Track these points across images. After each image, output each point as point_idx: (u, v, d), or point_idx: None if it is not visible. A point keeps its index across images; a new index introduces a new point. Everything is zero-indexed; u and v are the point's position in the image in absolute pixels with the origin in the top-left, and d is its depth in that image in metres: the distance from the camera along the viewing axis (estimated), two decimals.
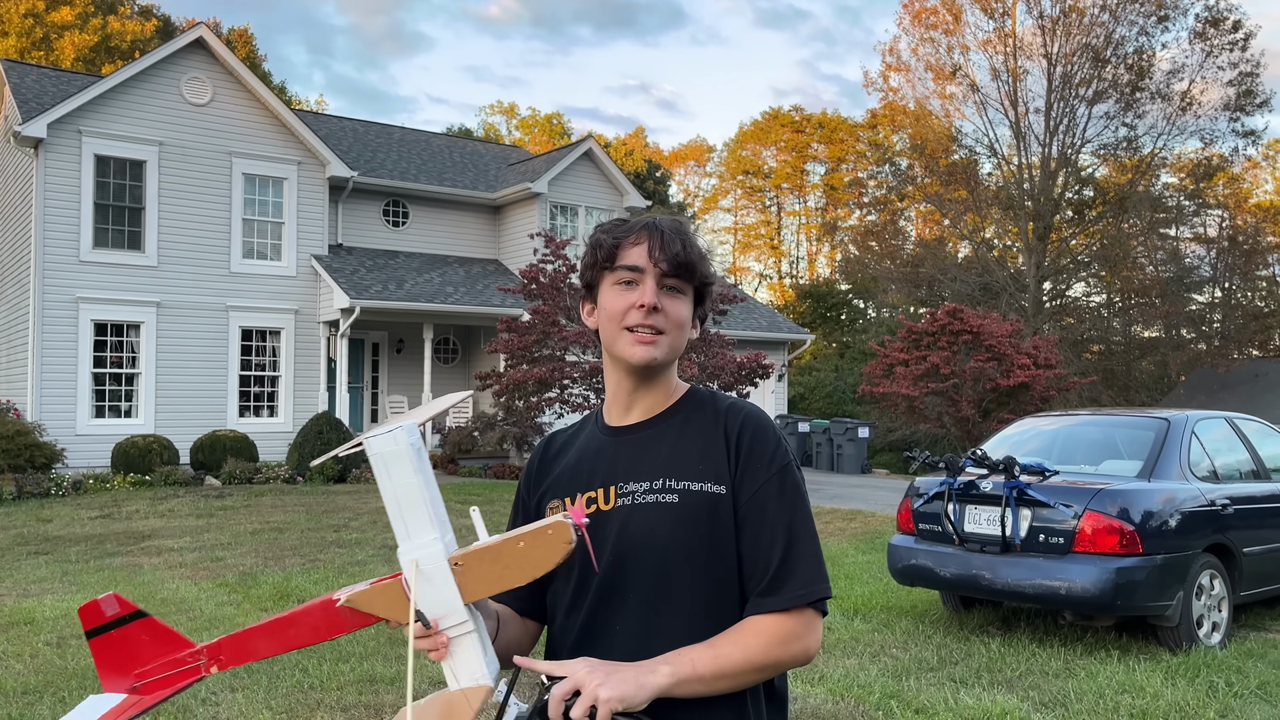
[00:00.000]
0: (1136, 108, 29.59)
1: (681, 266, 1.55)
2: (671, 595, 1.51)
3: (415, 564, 1.37)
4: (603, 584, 1.54)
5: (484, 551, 1.39)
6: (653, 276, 1.54)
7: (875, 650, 6.25)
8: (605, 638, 1.52)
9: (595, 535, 1.54)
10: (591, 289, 1.63)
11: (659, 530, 1.52)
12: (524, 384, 15.59)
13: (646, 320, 1.54)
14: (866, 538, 11.19)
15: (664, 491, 1.54)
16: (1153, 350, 32.22)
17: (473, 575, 1.38)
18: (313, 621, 1.43)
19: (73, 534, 10.83)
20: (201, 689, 5.20)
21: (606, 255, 1.57)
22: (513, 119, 54.82)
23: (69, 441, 15.74)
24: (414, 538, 1.38)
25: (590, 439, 1.67)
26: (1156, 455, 6.59)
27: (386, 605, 1.39)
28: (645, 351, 1.54)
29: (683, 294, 1.58)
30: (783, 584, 1.50)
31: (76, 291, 16.46)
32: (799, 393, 30.61)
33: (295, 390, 18.40)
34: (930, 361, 20.22)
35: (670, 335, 1.56)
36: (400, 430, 1.37)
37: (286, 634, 1.44)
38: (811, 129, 50.93)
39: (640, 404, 1.62)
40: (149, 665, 1.48)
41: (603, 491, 1.58)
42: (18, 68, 19.54)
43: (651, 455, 1.58)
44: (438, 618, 1.38)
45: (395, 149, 22.72)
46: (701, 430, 1.59)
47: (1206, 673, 5.63)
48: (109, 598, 1.50)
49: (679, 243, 1.56)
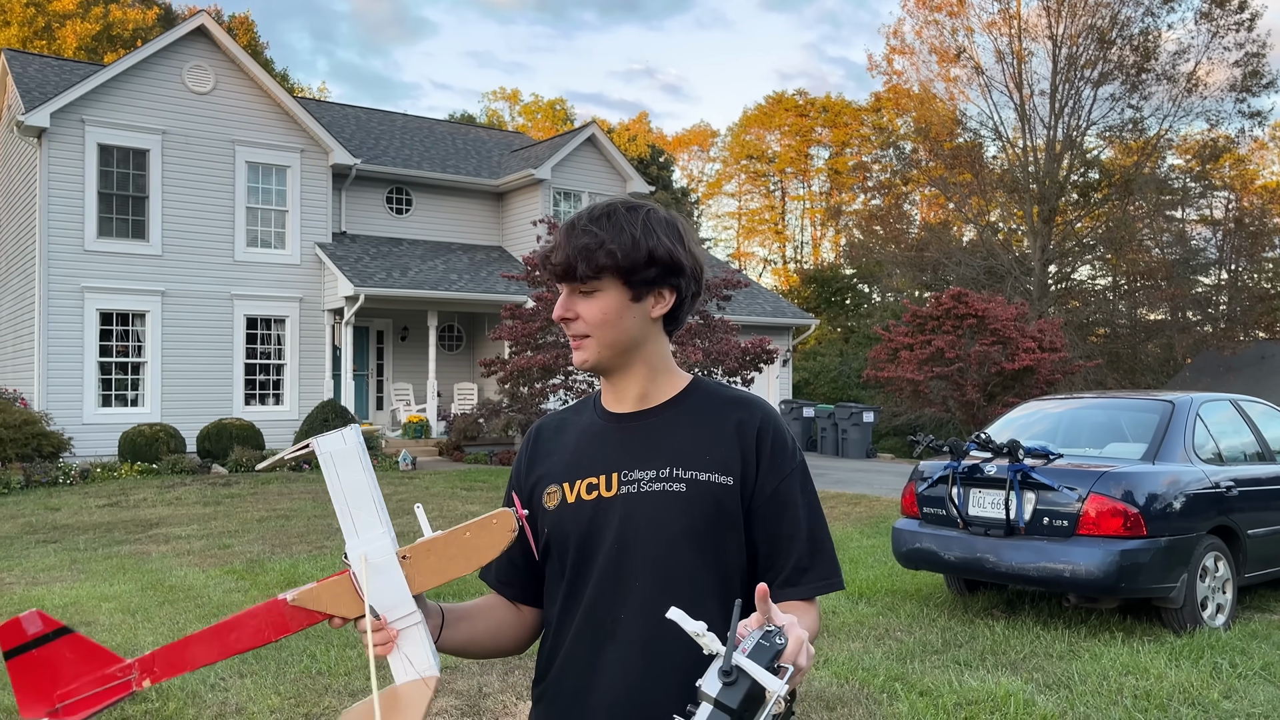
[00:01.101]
0: (1142, 89, 29.42)
1: (566, 272, 1.53)
2: (677, 583, 1.52)
3: (364, 558, 1.37)
4: (605, 570, 1.53)
5: (430, 544, 1.41)
6: (565, 286, 1.56)
7: (880, 633, 6.27)
8: (609, 624, 1.52)
9: (598, 521, 1.54)
10: None
11: (666, 518, 1.53)
12: (528, 371, 15.60)
13: (569, 331, 1.57)
14: (871, 522, 11.21)
15: (671, 480, 1.55)
16: (1158, 333, 32.12)
17: (420, 567, 1.40)
18: (256, 624, 1.40)
19: (81, 522, 10.89)
20: (210, 674, 5.24)
21: (548, 274, 1.61)
22: (515, 105, 54.70)
23: (76, 430, 15.80)
24: (362, 534, 1.39)
25: (589, 425, 1.65)
26: (1161, 438, 6.59)
27: (334, 601, 1.39)
28: (579, 356, 1.58)
29: (596, 290, 1.54)
30: (803, 575, 1.57)
31: (81, 281, 16.50)
32: (803, 378, 30.60)
33: (301, 378, 18.44)
34: (935, 345, 20.20)
35: (596, 335, 1.55)
36: (350, 429, 1.40)
37: (227, 639, 1.40)
38: (815, 113, 50.73)
39: (627, 394, 1.62)
40: (72, 685, 1.37)
41: (604, 478, 1.57)
42: (20, 57, 19.53)
43: (657, 444, 1.58)
44: (386, 610, 1.39)
45: (398, 136, 22.70)
46: (708, 421, 1.60)
47: (1211, 654, 5.65)
48: (31, 615, 1.39)
49: (571, 244, 1.52)
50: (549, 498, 1.60)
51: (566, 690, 1.56)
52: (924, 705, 4.80)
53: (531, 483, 1.65)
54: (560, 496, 1.58)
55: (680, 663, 1.47)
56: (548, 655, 1.61)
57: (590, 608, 1.54)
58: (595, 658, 1.52)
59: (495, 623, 1.65)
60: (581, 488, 1.57)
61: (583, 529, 1.55)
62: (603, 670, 1.51)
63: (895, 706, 4.80)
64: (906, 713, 4.71)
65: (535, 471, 1.66)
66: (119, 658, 1.40)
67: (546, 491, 1.60)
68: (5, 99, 19.56)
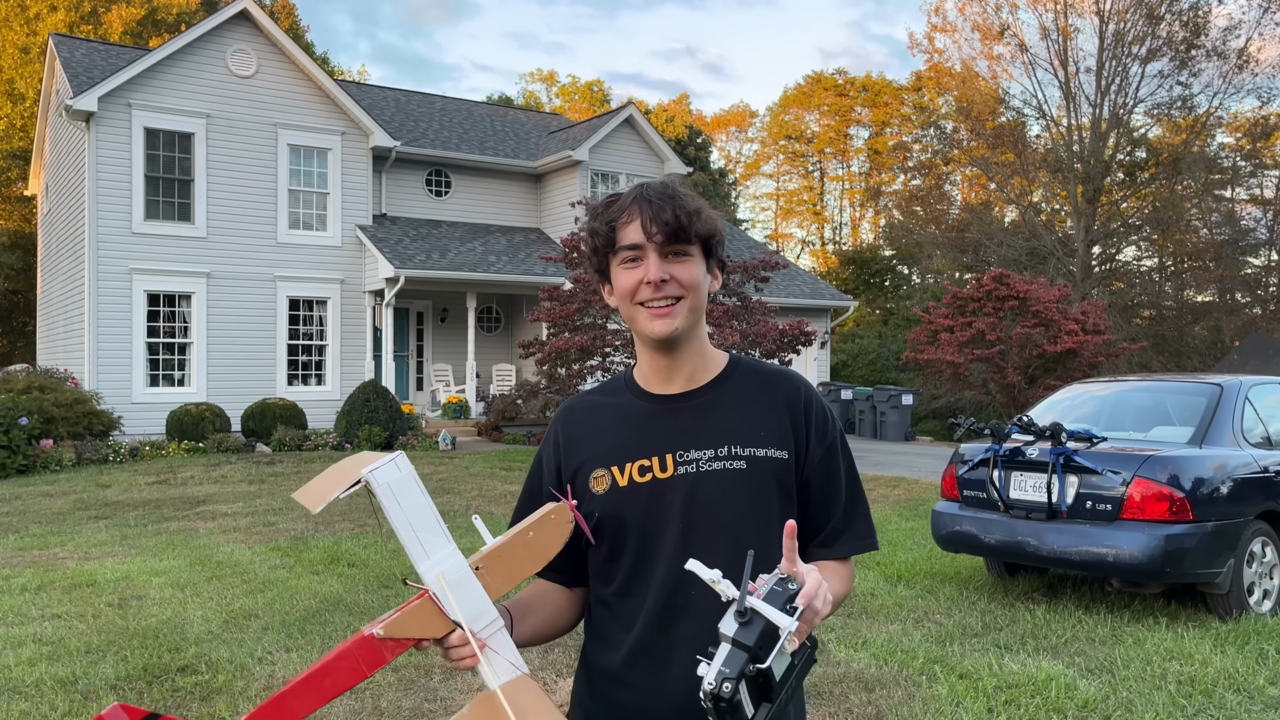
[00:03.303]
0: (1191, 66, 28.78)
1: (677, 233, 1.54)
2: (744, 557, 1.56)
3: (441, 577, 1.40)
4: (673, 550, 1.55)
5: (498, 550, 1.47)
6: (654, 250, 1.54)
7: (919, 616, 6.26)
8: (681, 600, 1.55)
9: (657, 502, 1.56)
10: (603, 272, 1.64)
11: (732, 496, 1.56)
12: (566, 352, 15.66)
13: (658, 294, 1.55)
14: (910, 504, 11.16)
15: (731, 459, 1.58)
16: (1205, 315, 31.52)
17: (494, 574, 1.45)
18: (350, 664, 1.39)
19: (131, 499, 11.14)
20: (258, 648, 5.36)
21: (605, 240, 1.58)
22: (552, 86, 54.66)
23: (125, 409, 16.13)
24: (432, 554, 1.41)
25: (629, 407, 1.65)
26: (1209, 421, 6.48)
27: (421, 625, 1.41)
28: (664, 324, 1.56)
29: (688, 255, 1.57)
30: (839, 537, 1.65)
31: (130, 263, 16.79)
32: (841, 360, 30.42)
33: (342, 359, 18.66)
34: (976, 328, 19.99)
35: (688, 298, 1.56)
36: (399, 456, 1.42)
37: (322, 685, 1.37)
38: (855, 92, 50.18)
39: (680, 373, 1.63)
40: None
41: (657, 459, 1.58)
42: (67, 42, 19.85)
43: (710, 423, 1.60)
44: (472, 622, 1.42)
45: (437, 118, 22.79)
46: (756, 397, 1.63)
47: (1257, 640, 5.58)
48: (114, 710, 1.27)
49: (669, 209, 1.54)
50: (596, 482, 1.60)
51: (640, 668, 1.58)
52: (964, 688, 4.79)
53: (573, 468, 1.64)
54: (610, 480, 1.59)
55: None
56: (604, 633, 1.64)
57: (660, 587, 1.56)
58: (668, 635, 1.56)
59: (553, 609, 1.67)
60: (633, 470, 1.58)
61: (640, 511, 1.57)
62: (677, 646, 1.55)
63: (935, 689, 4.80)
64: (946, 695, 4.70)
65: (575, 456, 1.65)
66: None
67: (593, 476, 1.61)
68: (54, 83, 19.90)
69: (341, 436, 15.94)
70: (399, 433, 16.24)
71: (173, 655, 5.26)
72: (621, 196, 1.60)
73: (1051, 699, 4.64)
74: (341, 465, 1.47)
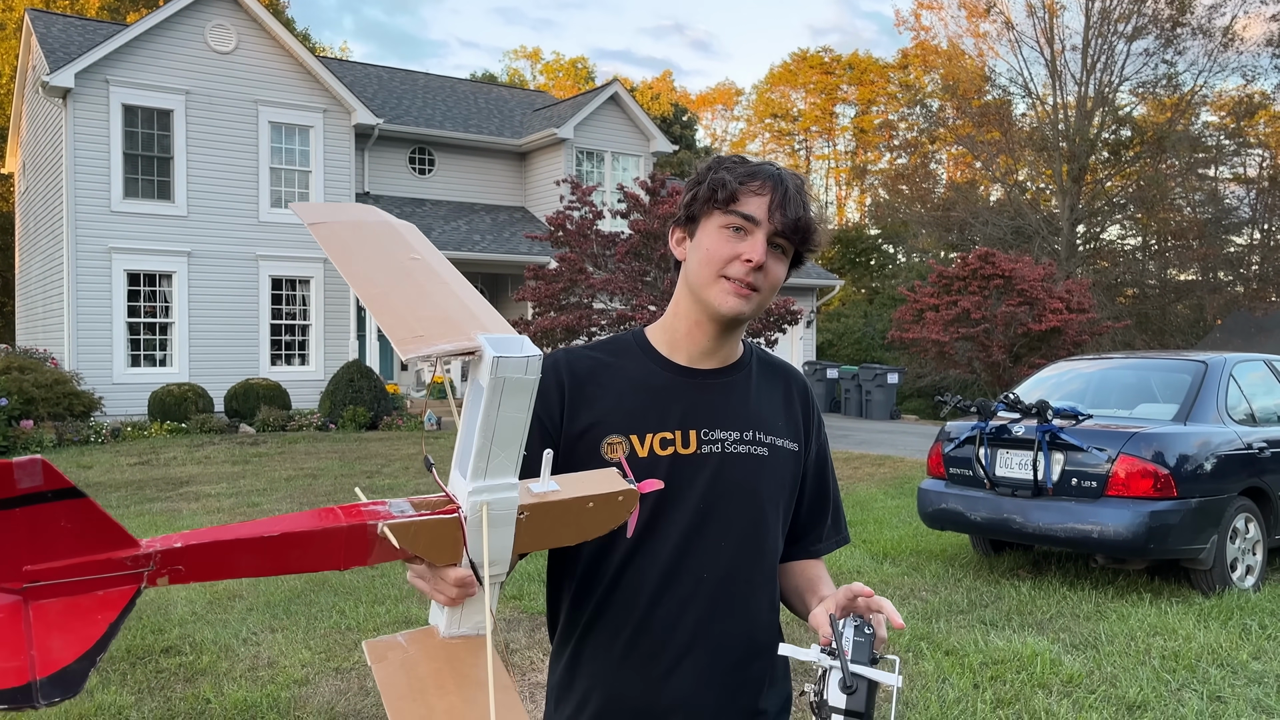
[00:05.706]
0: (1177, 44, 28.78)
1: (797, 230, 1.48)
2: (761, 544, 1.55)
3: (485, 508, 1.16)
4: (688, 531, 1.49)
5: (552, 506, 1.23)
6: (765, 232, 1.46)
7: (905, 593, 6.28)
8: (692, 584, 1.49)
9: (675, 479, 1.48)
10: (693, 220, 1.53)
11: (754, 482, 1.54)
12: (552, 332, 15.61)
13: (748, 276, 1.47)
14: (895, 482, 11.20)
15: (754, 444, 1.54)
16: (1188, 293, 31.67)
17: (531, 528, 1.22)
18: (330, 546, 1.09)
19: (113, 480, 11.06)
20: (242, 629, 5.32)
21: (727, 196, 1.47)
22: (536, 64, 54.26)
23: (106, 390, 15.99)
24: (491, 477, 1.16)
25: (650, 374, 1.55)
26: (1193, 398, 6.51)
27: (430, 545, 1.16)
28: (737, 304, 1.47)
29: (786, 255, 1.51)
30: (829, 537, 1.70)
31: (109, 242, 16.60)
32: (827, 339, 30.45)
33: (326, 339, 18.54)
34: (961, 306, 20.02)
35: (763, 294, 1.49)
36: (536, 356, 1.15)
37: (286, 554, 1.08)
38: (841, 70, 50.03)
39: (720, 351, 1.57)
40: (58, 563, 0.97)
41: (680, 434, 1.51)
42: (44, 17, 19.53)
43: (735, 405, 1.55)
44: (480, 565, 1.18)
45: (420, 96, 22.58)
46: (773, 386, 1.62)
47: (1240, 615, 5.62)
48: (33, 462, 0.93)
49: (801, 204, 1.48)
50: (610, 449, 1.49)
51: (643, 649, 1.49)
52: (950, 664, 4.80)
53: (580, 428, 1.51)
54: (629, 449, 1.49)
55: (766, 621, 1.57)
56: (601, 608, 1.52)
57: (669, 568, 1.49)
58: (679, 619, 1.49)
59: None
60: (655, 442, 1.50)
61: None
62: (684, 630, 1.49)
63: (921, 665, 4.81)
64: (932, 672, 4.72)
65: (583, 416, 1.51)
66: (135, 542, 1.04)
67: (607, 441, 1.49)
68: (30, 59, 19.59)
69: (325, 417, 15.86)
70: (384, 413, 16.17)
71: (156, 637, 5.22)
72: (754, 163, 1.51)
73: (1037, 674, 4.66)
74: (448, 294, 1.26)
